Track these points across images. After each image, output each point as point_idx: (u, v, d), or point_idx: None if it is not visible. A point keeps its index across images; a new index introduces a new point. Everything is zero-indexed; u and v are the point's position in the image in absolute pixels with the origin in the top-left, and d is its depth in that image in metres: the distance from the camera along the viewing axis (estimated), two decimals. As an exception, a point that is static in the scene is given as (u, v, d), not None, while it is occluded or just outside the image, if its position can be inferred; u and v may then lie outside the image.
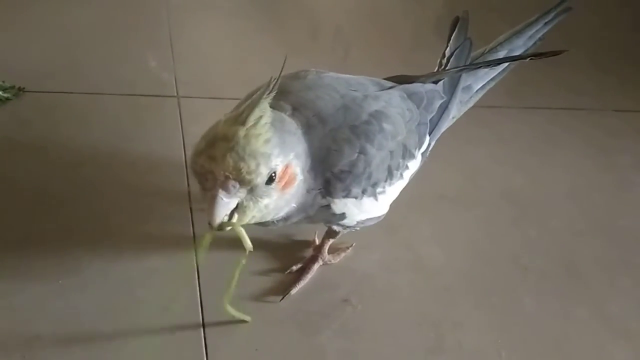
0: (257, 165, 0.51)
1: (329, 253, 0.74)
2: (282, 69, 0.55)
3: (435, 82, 0.73)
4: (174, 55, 1.13)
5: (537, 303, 0.75)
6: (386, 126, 0.62)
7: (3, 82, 0.95)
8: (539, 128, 1.12)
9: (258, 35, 1.27)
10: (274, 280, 0.71)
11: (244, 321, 0.65)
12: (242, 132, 0.51)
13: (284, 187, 0.55)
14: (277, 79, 0.53)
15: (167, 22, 1.24)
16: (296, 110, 0.59)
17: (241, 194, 0.53)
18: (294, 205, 0.59)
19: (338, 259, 0.75)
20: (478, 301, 0.74)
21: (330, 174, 0.60)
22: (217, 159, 0.51)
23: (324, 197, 0.61)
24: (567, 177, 1.00)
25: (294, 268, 0.72)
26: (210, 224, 0.53)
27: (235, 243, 0.74)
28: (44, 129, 0.89)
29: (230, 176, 0.51)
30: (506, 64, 0.78)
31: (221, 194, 0.52)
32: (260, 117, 0.52)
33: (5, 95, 0.93)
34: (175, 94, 1.02)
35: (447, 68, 0.77)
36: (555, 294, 0.77)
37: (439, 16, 1.46)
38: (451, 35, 0.79)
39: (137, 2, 1.30)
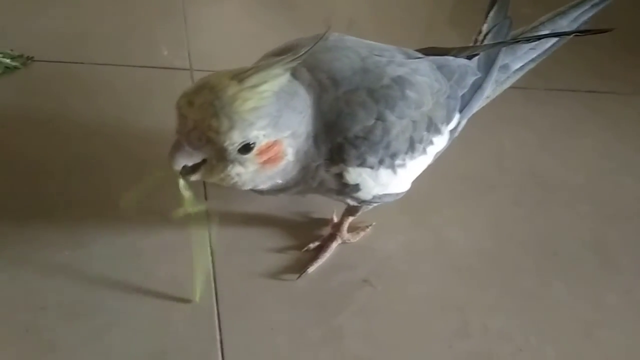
0: (230, 128, 0.47)
1: (348, 232, 0.71)
2: (321, 38, 0.51)
3: (469, 58, 0.68)
4: (187, 27, 1.09)
5: (566, 288, 0.71)
6: (409, 93, 0.58)
7: (11, 50, 0.92)
8: (565, 110, 1.07)
9: (272, 13, 1.23)
10: (290, 257, 0.68)
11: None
12: (232, 88, 0.47)
13: (266, 162, 0.51)
14: (305, 53, 0.49)
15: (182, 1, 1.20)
16: (310, 73, 0.55)
17: (208, 151, 0.49)
18: (280, 181, 0.55)
19: (357, 238, 0.71)
20: (505, 285, 0.70)
21: (343, 139, 0.55)
22: (194, 106, 0.47)
23: (335, 164, 0.56)
24: (595, 159, 0.96)
25: (312, 246, 0.69)
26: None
27: (252, 218, 0.72)
28: (52, 99, 0.85)
29: (198, 128, 0.48)
30: (549, 44, 0.73)
31: (185, 142, 0.48)
32: (264, 82, 0.48)
33: (13, 64, 0.90)
34: (189, 67, 0.99)
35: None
36: (586, 279, 0.73)
37: (453, 7, 1.41)
38: (489, 12, 0.73)
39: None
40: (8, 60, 0.90)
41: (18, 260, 0.62)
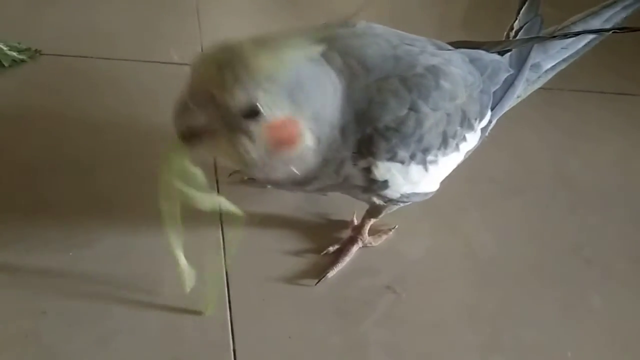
0: (234, 84, 0.42)
1: (369, 235, 0.66)
2: (356, 13, 0.48)
3: (501, 54, 0.64)
4: (200, 22, 1.05)
5: (603, 298, 0.66)
6: (444, 84, 0.54)
7: (19, 43, 0.89)
8: (591, 111, 1.03)
9: (285, 8, 1.20)
10: (308, 261, 0.64)
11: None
12: (248, 47, 0.43)
13: (279, 143, 0.46)
14: (335, 25, 0.45)
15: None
16: (341, 58, 0.51)
17: (212, 112, 0.44)
18: (297, 171, 0.50)
19: (379, 242, 0.67)
20: (538, 295, 0.65)
21: (373, 130, 0.51)
22: (206, 63, 0.44)
23: (363, 157, 0.52)
24: (625, 161, 0.91)
25: (331, 249, 0.65)
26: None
27: (267, 219, 0.68)
28: (59, 93, 0.82)
29: (203, 83, 0.44)
30: (582, 43, 0.69)
31: (189, 99, 0.44)
32: (286, 47, 0.44)
33: (21, 57, 0.87)
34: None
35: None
36: (623, 289, 0.68)
37: (465, 11, 1.37)
38: (520, 9, 0.70)
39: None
40: (15, 54, 0.87)
41: (18, 261, 0.58)
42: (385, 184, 0.55)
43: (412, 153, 0.54)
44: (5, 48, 0.86)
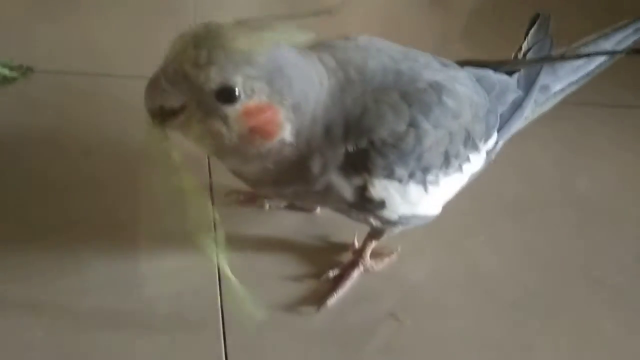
0: (208, 62, 0.40)
1: (371, 258, 0.63)
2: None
3: (509, 74, 0.62)
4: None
5: (616, 323, 0.63)
6: (447, 100, 0.52)
7: (11, 60, 0.87)
8: (599, 125, 1.00)
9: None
10: (307, 287, 0.61)
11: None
12: (228, 25, 0.41)
13: (254, 130, 0.44)
14: (324, 11, 0.44)
15: (193, 7, 1.14)
16: (338, 66, 0.49)
17: (185, 90, 0.42)
18: (271, 166, 0.47)
19: (381, 266, 0.64)
20: (547, 320, 0.62)
21: (369, 144, 0.48)
22: (182, 40, 0.42)
23: (357, 173, 0.49)
24: (633, 179, 0.88)
25: (331, 274, 0.62)
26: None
27: (263, 242, 0.65)
28: (51, 111, 0.80)
29: (177, 60, 0.41)
30: (593, 65, 0.68)
31: (162, 77, 0.42)
32: (269, 30, 0.42)
33: (12, 74, 0.85)
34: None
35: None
36: (635, 312, 0.65)
37: (465, 23, 1.35)
38: (529, 31, 0.69)
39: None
40: (6, 71, 0.85)
41: (2, 290, 0.55)
42: (382, 203, 0.52)
43: (411, 171, 0.51)
44: (-4, 65, 0.84)
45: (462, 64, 0.60)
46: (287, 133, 0.45)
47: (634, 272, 0.70)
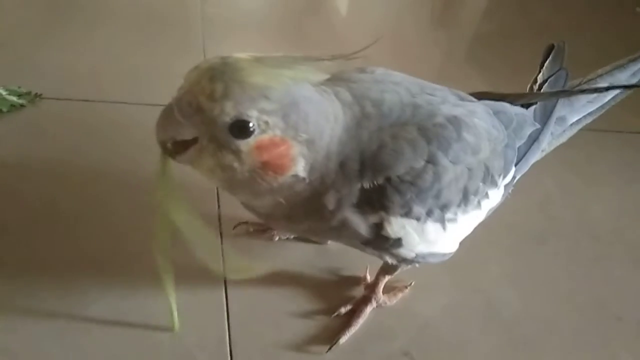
0: (224, 95, 0.39)
1: (383, 293, 0.62)
2: (371, 45, 0.44)
3: (526, 107, 0.61)
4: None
5: (636, 358, 0.61)
6: (466, 136, 0.50)
7: (19, 87, 0.86)
8: (611, 152, 0.99)
9: (290, 46, 1.17)
10: (318, 325, 0.59)
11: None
12: (245, 60, 0.40)
13: (267, 165, 0.43)
14: (345, 56, 0.42)
15: (202, 37, 1.14)
16: (353, 97, 0.48)
17: (198, 123, 0.41)
18: (283, 201, 0.46)
19: (394, 301, 0.63)
20: (566, 357, 0.60)
21: (386, 181, 0.47)
22: (198, 73, 0.41)
23: (374, 211, 0.48)
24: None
25: (343, 310, 0.60)
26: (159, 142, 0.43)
27: (273, 276, 0.64)
28: (58, 139, 0.79)
29: (191, 92, 0.40)
30: (609, 97, 0.67)
31: (176, 108, 0.41)
32: (286, 67, 0.41)
33: (20, 101, 0.84)
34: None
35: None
36: (659, 351, 0.63)
37: (469, 45, 1.35)
38: (544, 62, 0.68)
39: (171, 16, 1.21)
40: (15, 98, 0.84)
41: (7, 326, 0.54)
42: (398, 242, 0.50)
43: (429, 209, 0.50)
44: (4, 92, 0.84)
45: (479, 96, 0.59)
46: (300, 168, 0.44)
47: (655, 308, 0.68)
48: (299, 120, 0.42)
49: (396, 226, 0.49)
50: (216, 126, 0.41)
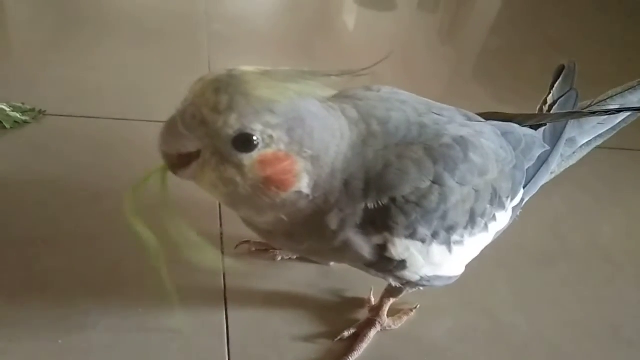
0: (228, 108, 0.39)
1: (388, 316, 0.60)
2: (380, 62, 0.43)
3: (535, 128, 0.60)
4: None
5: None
6: (473, 157, 0.49)
7: (23, 104, 0.86)
8: (621, 170, 0.97)
9: (296, 64, 1.17)
10: (320, 349, 0.58)
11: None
12: (251, 73, 0.40)
13: (270, 180, 0.42)
14: (350, 72, 0.42)
15: (207, 53, 1.14)
16: (359, 114, 0.47)
17: (202, 136, 0.40)
18: (285, 218, 0.45)
19: (399, 324, 0.61)
20: (577, 383, 0.58)
21: (390, 201, 0.45)
22: (203, 85, 0.40)
23: (377, 232, 0.46)
24: (661, 228, 0.85)
25: (346, 334, 0.59)
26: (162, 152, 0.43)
27: (275, 297, 0.62)
28: (62, 155, 0.78)
29: (195, 104, 0.40)
30: (619, 119, 0.66)
31: (179, 120, 0.40)
32: (292, 82, 0.41)
33: (24, 118, 0.84)
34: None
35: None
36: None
37: (476, 63, 1.35)
38: (554, 83, 0.67)
39: (177, 32, 1.21)
40: (19, 115, 0.84)
41: (2, 350, 0.53)
42: (403, 264, 0.49)
43: (435, 231, 0.48)
44: (8, 109, 0.83)
45: (487, 117, 0.58)
46: (304, 185, 0.43)
47: (668, 333, 0.66)
48: (304, 136, 0.42)
49: (400, 248, 0.48)
50: (220, 139, 0.40)
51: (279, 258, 0.66)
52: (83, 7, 1.20)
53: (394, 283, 0.54)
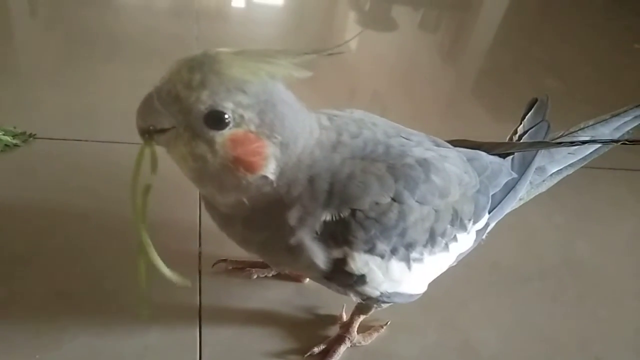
0: (200, 85, 0.41)
1: (358, 332, 0.62)
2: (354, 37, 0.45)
3: (503, 157, 0.62)
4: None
5: (617, 405, 0.60)
6: (435, 178, 0.51)
7: (14, 127, 0.89)
8: (600, 189, 0.99)
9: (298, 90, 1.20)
10: (291, 364, 0.59)
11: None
12: (226, 53, 0.42)
13: (238, 159, 0.43)
14: (319, 51, 0.44)
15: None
16: (333, 126, 0.50)
17: (176, 112, 0.42)
18: (246, 201, 0.46)
19: (369, 340, 0.63)
20: (544, 401, 0.60)
21: (350, 216, 0.47)
22: (179, 63, 0.42)
23: (337, 246, 0.48)
24: (638, 247, 0.86)
25: (316, 350, 0.60)
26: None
27: (250, 315, 0.64)
28: (49, 178, 0.81)
29: (171, 81, 0.42)
30: (590, 150, 0.67)
31: (155, 96, 0.43)
32: (267, 63, 0.42)
33: (14, 141, 0.86)
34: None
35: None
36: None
37: (475, 83, 1.38)
38: (526, 115, 0.69)
39: (169, 55, 1.23)
40: (9, 138, 0.86)
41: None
42: (362, 279, 0.51)
43: (394, 247, 0.50)
44: (-1, 133, 0.86)
45: (456, 144, 0.60)
46: (270, 169, 0.45)
47: (634, 348, 0.67)
48: (275, 121, 0.43)
49: (360, 262, 0.49)
50: (192, 115, 0.42)
51: (255, 276, 0.68)
52: (74, 31, 1.23)
53: (354, 298, 0.55)
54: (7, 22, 1.24)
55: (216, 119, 0.42)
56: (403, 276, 0.52)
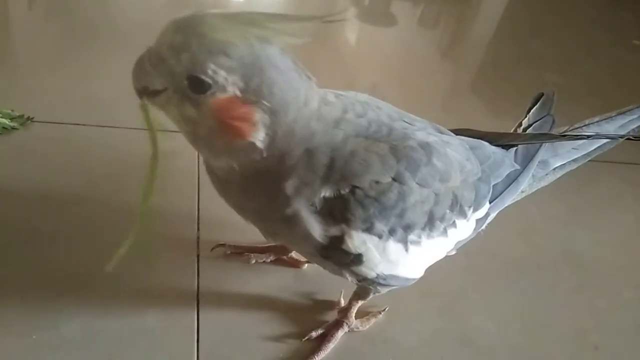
0: (182, 47, 0.40)
1: (356, 318, 0.62)
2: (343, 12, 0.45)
3: (506, 148, 0.62)
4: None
5: (614, 393, 0.60)
6: (436, 162, 0.51)
7: (12, 110, 0.88)
8: (599, 182, 0.99)
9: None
10: (289, 348, 0.59)
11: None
12: (213, 15, 0.41)
13: (226, 124, 0.42)
14: (322, 18, 0.43)
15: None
16: (339, 102, 0.49)
17: (163, 73, 0.42)
18: (236, 167, 0.46)
19: (367, 326, 0.62)
20: (542, 388, 0.60)
21: (349, 192, 0.47)
22: (168, 26, 0.42)
23: (335, 223, 0.48)
24: (635, 239, 0.86)
25: (314, 334, 0.60)
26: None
27: (248, 299, 0.64)
28: (46, 161, 0.80)
29: (158, 43, 0.42)
30: (594, 146, 0.67)
31: (147, 58, 0.42)
32: (256, 26, 0.41)
33: (12, 124, 0.86)
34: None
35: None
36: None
37: (474, 78, 1.38)
38: (531, 108, 0.68)
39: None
40: (7, 121, 0.86)
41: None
42: (359, 258, 0.50)
43: (392, 228, 0.50)
44: (-3, 116, 0.86)
45: (459, 133, 0.60)
46: (259, 137, 0.44)
47: (632, 338, 0.67)
48: (263, 87, 0.42)
49: (357, 241, 0.49)
50: (175, 78, 0.42)
51: (253, 261, 0.68)
52: (73, 17, 1.23)
53: (350, 279, 0.55)
54: (5, 8, 1.23)
55: (198, 82, 0.41)
56: (400, 258, 0.52)
